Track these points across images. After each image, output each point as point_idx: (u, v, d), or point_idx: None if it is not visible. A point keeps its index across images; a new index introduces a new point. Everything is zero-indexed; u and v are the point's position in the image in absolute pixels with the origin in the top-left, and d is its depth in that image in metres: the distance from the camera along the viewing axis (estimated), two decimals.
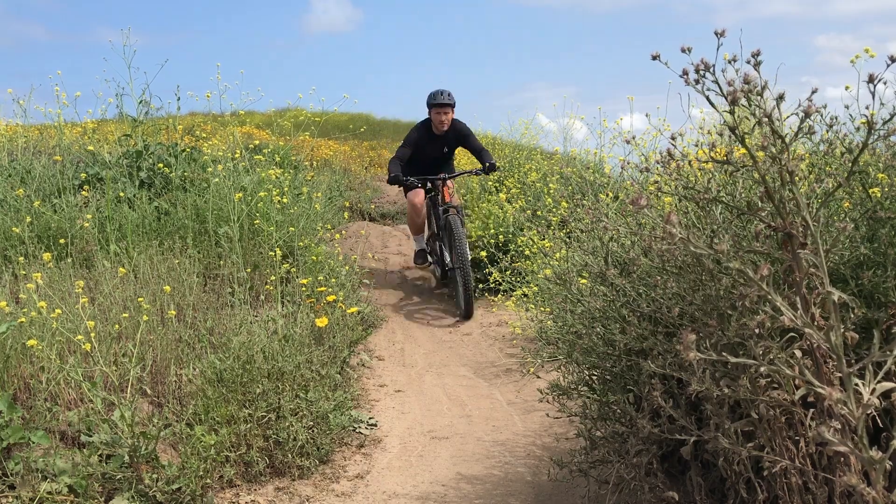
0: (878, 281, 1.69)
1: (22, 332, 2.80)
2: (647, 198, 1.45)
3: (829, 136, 1.80)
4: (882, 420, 1.64)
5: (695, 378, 1.60)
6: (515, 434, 3.35)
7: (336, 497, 2.70)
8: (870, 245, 1.74)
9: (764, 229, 1.48)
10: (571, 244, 2.41)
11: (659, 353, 1.89)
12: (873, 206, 1.73)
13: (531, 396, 3.74)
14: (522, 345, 4.61)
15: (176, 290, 3.67)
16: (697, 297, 1.78)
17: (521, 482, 2.79)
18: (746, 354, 1.50)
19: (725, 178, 1.86)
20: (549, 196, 6.30)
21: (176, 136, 6.60)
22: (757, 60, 1.28)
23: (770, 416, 1.64)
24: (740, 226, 1.79)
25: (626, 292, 2.04)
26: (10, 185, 5.01)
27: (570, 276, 2.37)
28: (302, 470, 2.83)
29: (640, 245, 2.07)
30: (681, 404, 1.84)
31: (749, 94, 1.29)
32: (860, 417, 1.32)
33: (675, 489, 1.94)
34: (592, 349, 2.24)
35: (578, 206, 2.51)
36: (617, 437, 2.20)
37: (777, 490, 1.68)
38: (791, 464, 1.60)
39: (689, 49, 1.27)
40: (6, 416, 2.40)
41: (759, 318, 1.40)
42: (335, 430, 3.07)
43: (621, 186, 3.37)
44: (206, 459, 2.53)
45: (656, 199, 2.23)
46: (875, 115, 1.34)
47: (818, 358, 1.48)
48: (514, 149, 9.38)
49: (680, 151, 1.63)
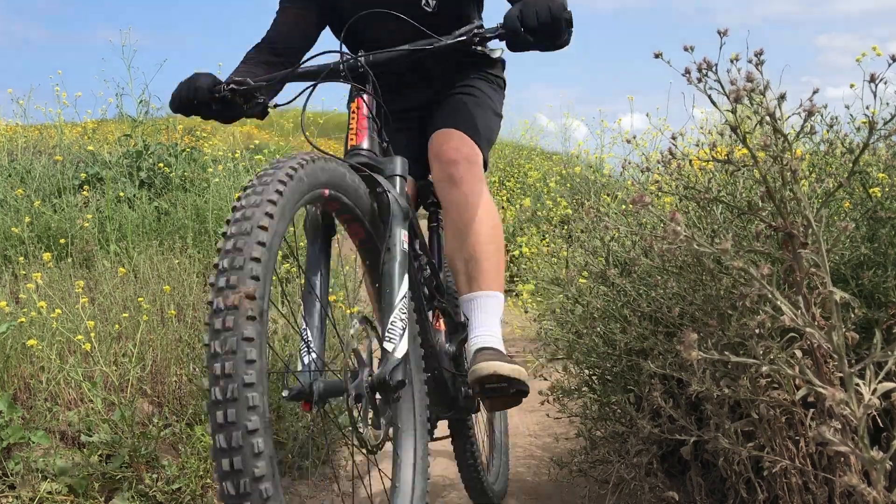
0: (879, 281, 1.68)
1: (22, 332, 2.79)
2: (649, 197, 1.45)
3: (829, 136, 1.80)
4: (882, 420, 1.64)
5: (695, 378, 1.60)
6: (515, 434, 3.35)
7: (336, 497, 2.70)
8: (870, 245, 1.73)
9: (765, 229, 1.48)
10: (572, 244, 2.41)
11: (659, 353, 1.88)
12: (874, 206, 1.73)
13: (531, 396, 3.73)
14: (522, 345, 4.61)
15: (176, 290, 3.67)
16: (698, 296, 1.78)
17: (521, 482, 2.79)
18: (747, 354, 1.50)
19: (726, 177, 1.86)
20: (549, 196, 6.29)
21: (176, 135, 6.61)
22: (760, 60, 1.28)
23: (770, 416, 1.64)
24: (741, 225, 1.79)
25: (626, 292, 2.03)
26: (10, 185, 5.01)
27: (571, 277, 2.37)
28: (302, 470, 2.82)
29: (640, 245, 2.07)
30: (681, 404, 1.83)
31: (751, 93, 1.29)
32: (861, 418, 1.32)
33: (675, 489, 1.93)
34: (593, 349, 2.24)
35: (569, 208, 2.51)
36: (617, 438, 2.20)
37: (777, 490, 1.68)
38: (791, 464, 1.59)
39: (691, 48, 1.27)
40: (6, 416, 2.39)
41: (760, 318, 1.39)
42: (335, 430, 3.07)
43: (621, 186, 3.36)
44: (207, 459, 2.53)
45: (657, 199, 2.23)
46: (876, 114, 1.34)
47: (819, 358, 1.48)
48: (515, 149, 9.38)
49: (681, 151, 1.63)
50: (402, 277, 1.40)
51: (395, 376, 1.29)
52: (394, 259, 1.42)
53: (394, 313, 1.33)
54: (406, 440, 1.53)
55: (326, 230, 1.44)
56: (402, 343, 1.32)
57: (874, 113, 1.34)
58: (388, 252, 1.42)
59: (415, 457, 1.50)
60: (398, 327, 1.33)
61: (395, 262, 1.42)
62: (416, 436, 1.53)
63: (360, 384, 1.27)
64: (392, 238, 1.45)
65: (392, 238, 1.45)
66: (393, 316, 1.34)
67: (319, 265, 1.40)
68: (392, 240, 1.45)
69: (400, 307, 1.35)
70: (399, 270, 1.41)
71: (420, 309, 1.69)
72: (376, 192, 1.49)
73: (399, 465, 1.50)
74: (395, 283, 1.38)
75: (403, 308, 1.36)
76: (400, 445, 1.52)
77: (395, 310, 1.34)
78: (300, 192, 1.18)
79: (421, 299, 1.72)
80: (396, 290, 1.37)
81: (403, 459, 1.50)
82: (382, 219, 1.49)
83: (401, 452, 1.51)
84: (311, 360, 1.28)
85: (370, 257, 1.55)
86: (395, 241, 1.45)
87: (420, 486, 1.47)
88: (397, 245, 1.44)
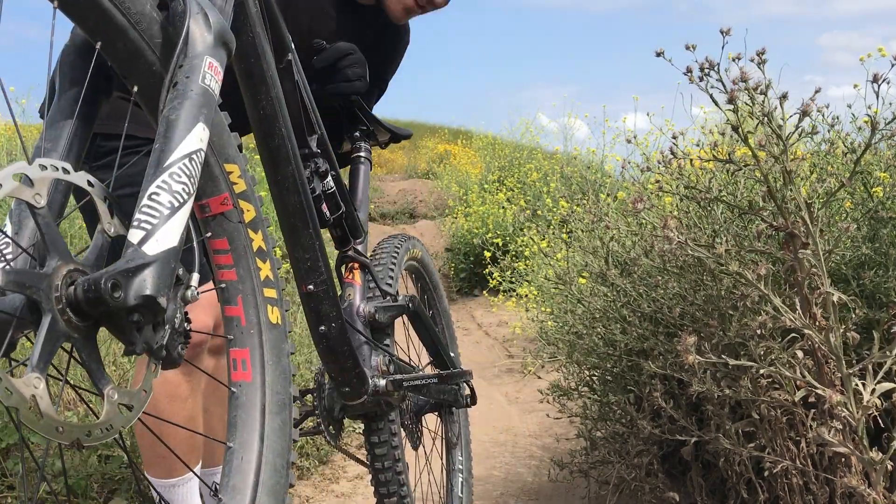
0: (880, 281, 1.68)
1: None
2: (646, 199, 1.45)
3: (831, 136, 1.80)
4: (883, 421, 1.64)
5: (696, 379, 1.60)
6: (515, 434, 3.35)
7: (336, 497, 2.70)
8: (871, 245, 1.73)
9: (765, 229, 1.48)
10: (572, 244, 2.41)
11: (660, 353, 1.88)
12: (875, 206, 1.72)
13: (531, 397, 3.74)
14: (523, 345, 4.61)
15: None
16: (698, 297, 1.78)
17: (522, 483, 2.79)
18: (747, 355, 1.50)
19: (727, 177, 1.85)
20: (549, 196, 6.29)
21: None
22: (762, 59, 1.28)
23: (771, 417, 1.64)
24: (742, 225, 1.79)
25: (626, 292, 2.03)
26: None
27: (571, 276, 2.37)
28: (301, 470, 2.82)
29: (641, 245, 2.07)
30: (681, 405, 1.83)
31: (752, 93, 1.29)
32: (860, 418, 1.32)
33: (676, 490, 1.93)
34: (593, 349, 2.24)
35: (579, 206, 2.51)
36: (617, 438, 2.20)
37: (778, 491, 1.68)
38: (792, 464, 1.59)
39: (693, 47, 1.27)
40: (5, 417, 2.39)
41: (761, 319, 1.39)
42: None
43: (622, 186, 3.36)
44: None
45: (657, 199, 2.22)
46: (877, 114, 1.34)
47: (819, 358, 1.48)
48: (515, 148, 9.38)
49: (682, 150, 1.63)
50: (191, 126, 0.81)
51: (137, 287, 0.70)
52: (183, 98, 0.83)
53: (161, 178, 0.76)
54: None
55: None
56: (166, 234, 0.74)
57: (875, 112, 1.34)
58: (175, 88, 0.83)
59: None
60: (162, 204, 0.75)
61: (186, 101, 0.82)
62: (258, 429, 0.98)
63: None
64: (186, 67, 0.85)
65: (186, 67, 0.85)
66: (158, 181, 0.76)
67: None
68: (185, 70, 0.84)
69: (175, 170, 0.78)
70: (187, 114, 0.82)
71: (307, 222, 1.23)
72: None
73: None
74: (174, 135, 0.80)
75: (181, 174, 0.78)
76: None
77: (163, 173, 0.77)
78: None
79: (304, 207, 1.23)
80: (173, 148, 0.79)
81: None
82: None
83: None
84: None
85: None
86: (190, 72, 0.84)
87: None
88: (195, 78, 0.84)
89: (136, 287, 0.70)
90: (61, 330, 0.69)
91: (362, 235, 1.66)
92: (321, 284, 1.29)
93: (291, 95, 1.28)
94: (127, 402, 0.75)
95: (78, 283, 0.70)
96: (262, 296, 1.03)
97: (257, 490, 0.94)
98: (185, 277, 0.78)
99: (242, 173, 1.03)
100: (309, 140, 1.40)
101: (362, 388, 1.46)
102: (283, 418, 1.00)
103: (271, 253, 1.07)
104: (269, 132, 1.14)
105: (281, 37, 1.23)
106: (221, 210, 1.00)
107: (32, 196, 0.70)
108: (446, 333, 2.18)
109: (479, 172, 9.53)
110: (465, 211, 7.75)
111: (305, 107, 1.38)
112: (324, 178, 1.44)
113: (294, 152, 1.19)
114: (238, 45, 0.98)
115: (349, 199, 1.56)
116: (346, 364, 1.40)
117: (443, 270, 7.54)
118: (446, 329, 2.20)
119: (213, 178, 0.99)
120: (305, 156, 1.37)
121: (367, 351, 1.55)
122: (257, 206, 1.05)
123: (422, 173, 13.44)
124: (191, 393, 1.63)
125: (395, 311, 1.63)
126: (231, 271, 1.02)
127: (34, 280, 0.68)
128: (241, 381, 0.99)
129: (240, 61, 1.06)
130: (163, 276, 0.72)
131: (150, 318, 0.72)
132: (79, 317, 0.70)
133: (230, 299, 1.01)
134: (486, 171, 9.29)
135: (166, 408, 1.58)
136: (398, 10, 1.66)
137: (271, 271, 1.05)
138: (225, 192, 1.00)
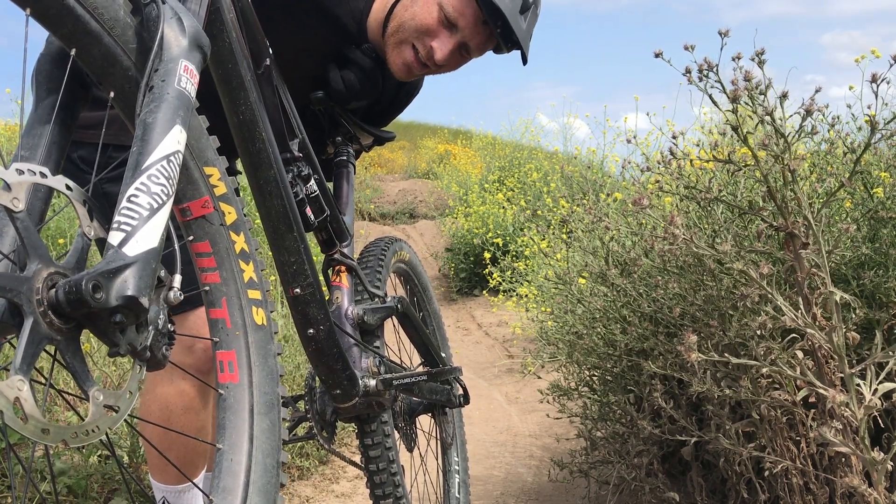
0: (880, 281, 1.68)
1: None
2: (648, 198, 1.45)
3: (831, 136, 1.80)
4: (883, 421, 1.64)
5: (696, 379, 1.60)
6: (515, 434, 3.35)
7: (336, 498, 2.70)
8: (871, 245, 1.73)
9: (766, 229, 1.48)
10: (572, 244, 2.41)
11: (660, 353, 1.88)
12: (875, 206, 1.73)
13: (531, 397, 3.74)
14: (523, 345, 4.61)
15: None
16: (699, 297, 1.78)
17: (522, 483, 2.79)
18: (748, 355, 1.50)
19: (727, 177, 1.85)
20: (549, 196, 6.29)
21: None
22: (761, 59, 1.27)
23: (771, 417, 1.64)
24: (742, 225, 1.79)
25: (626, 292, 2.03)
26: None
27: (571, 277, 2.37)
28: (301, 470, 2.82)
29: (641, 245, 2.07)
30: (682, 405, 1.83)
31: (752, 92, 1.29)
32: (862, 418, 1.32)
33: (676, 490, 1.93)
34: (593, 349, 2.24)
35: (579, 206, 2.51)
36: (617, 438, 2.20)
37: (778, 491, 1.68)
38: (792, 464, 1.59)
39: (692, 47, 1.27)
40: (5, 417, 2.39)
41: (761, 319, 1.39)
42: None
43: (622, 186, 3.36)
44: None
45: (657, 199, 2.22)
46: (876, 114, 1.34)
47: (820, 358, 1.48)
48: (515, 148, 9.39)
49: (682, 150, 1.63)
50: (168, 128, 0.81)
51: (119, 287, 0.70)
52: (160, 101, 0.82)
53: (139, 180, 0.77)
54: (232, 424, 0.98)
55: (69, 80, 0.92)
56: (146, 235, 0.74)
57: (872, 115, 1.33)
58: (151, 92, 0.83)
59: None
60: (141, 206, 0.75)
61: (162, 104, 0.82)
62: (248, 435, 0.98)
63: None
64: (161, 70, 0.85)
65: (161, 70, 0.85)
66: (137, 184, 0.76)
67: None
68: (160, 74, 0.85)
69: (154, 172, 0.78)
70: (164, 117, 0.82)
71: (289, 222, 1.24)
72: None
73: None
74: (151, 138, 0.80)
75: (160, 175, 0.78)
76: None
77: (141, 175, 0.77)
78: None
79: (287, 210, 1.23)
80: (150, 150, 0.79)
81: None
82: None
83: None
84: None
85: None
86: (166, 76, 0.85)
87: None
88: (171, 81, 0.85)
89: (118, 288, 0.70)
90: (44, 332, 0.69)
91: (348, 238, 1.66)
92: (308, 287, 1.29)
93: (271, 100, 1.28)
94: (113, 403, 0.75)
95: (59, 285, 0.70)
96: (247, 297, 1.03)
97: (248, 491, 0.94)
98: (167, 279, 0.78)
99: (222, 176, 1.02)
100: (290, 144, 1.40)
101: (353, 390, 1.45)
102: (271, 419, 1.01)
103: (254, 254, 1.07)
104: (250, 137, 1.14)
105: (258, 42, 1.22)
106: (202, 213, 1.00)
107: (10, 200, 0.69)
108: (437, 335, 2.18)
109: (479, 172, 9.53)
110: (466, 211, 7.76)
111: (285, 111, 1.38)
112: (307, 182, 1.44)
113: (275, 156, 1.19)
114: (214, 50, 0.98)
115: (333, 202, 1.57)
116: (335, 367, 1.40)
117: (443, 270, 7.54)
118: (437, 330, 2.20)
119: (193, 181, 0.99)
120: (287, 160, 1.38)
121: (356, 353, 1.54)
122: (238, 208, 1.05)
123: (422, 173, 13.45)
124: (204, 405, 1.64)
125: (383, 312, 1.63)
126: (214, 274, 1.02)
127: (15, 284, 0.68)
128: (229, 383, 0.99)
129: (217, 67, 1.06)
130: (144, 277, 0.72)
131: (132, 318, 0.72)
132: (61, 319, 0.70)
133: (214, 302, 1.02)
134: (487, 171, 9.30)
135: (180, 418, 1.59)
136: (400, 69, 1.65)
137: (255, 273, 1.05)
138: (206, 196, 1.00)
